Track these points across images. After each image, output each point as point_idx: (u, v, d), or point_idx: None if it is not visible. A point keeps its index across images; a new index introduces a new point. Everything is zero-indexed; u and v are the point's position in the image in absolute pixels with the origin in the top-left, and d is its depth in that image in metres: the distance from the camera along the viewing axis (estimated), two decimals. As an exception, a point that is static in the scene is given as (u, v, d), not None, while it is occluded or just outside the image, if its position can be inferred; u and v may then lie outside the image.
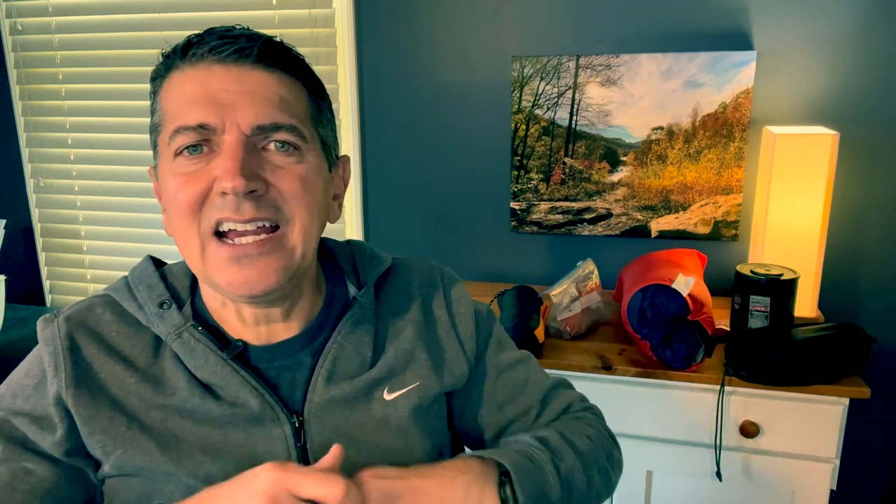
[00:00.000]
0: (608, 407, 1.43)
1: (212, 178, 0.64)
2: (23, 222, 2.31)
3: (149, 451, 0.66)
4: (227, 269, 0.65)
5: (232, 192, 0.62)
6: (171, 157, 0.66)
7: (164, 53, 0.69)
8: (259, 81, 0.66)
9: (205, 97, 0.64)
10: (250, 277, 0.65)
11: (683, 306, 1.33)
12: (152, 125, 0.70)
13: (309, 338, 0.74)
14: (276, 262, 0.66)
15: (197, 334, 0.70)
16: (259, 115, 0.64)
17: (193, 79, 0.65)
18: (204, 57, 0.65)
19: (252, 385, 0.69)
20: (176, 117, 0.65)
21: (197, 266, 0.67)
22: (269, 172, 0.65)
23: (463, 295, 0.83)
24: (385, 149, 1.96)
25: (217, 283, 0.66)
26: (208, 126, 0.64)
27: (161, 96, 0.68)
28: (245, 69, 0.65)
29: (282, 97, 0.66)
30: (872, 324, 1.71)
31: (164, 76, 0.68)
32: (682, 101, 1.70)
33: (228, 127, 0.64)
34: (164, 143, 0.67)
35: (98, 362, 0.69)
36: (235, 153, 0.63)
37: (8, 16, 2.14)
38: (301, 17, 1.92)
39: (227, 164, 0.62)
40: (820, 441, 1.33)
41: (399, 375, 0.75)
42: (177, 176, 0.65)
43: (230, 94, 0.64)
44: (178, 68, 0.67)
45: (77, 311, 0.72)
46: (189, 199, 0.64)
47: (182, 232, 0.66)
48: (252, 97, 0.65)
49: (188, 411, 0.68)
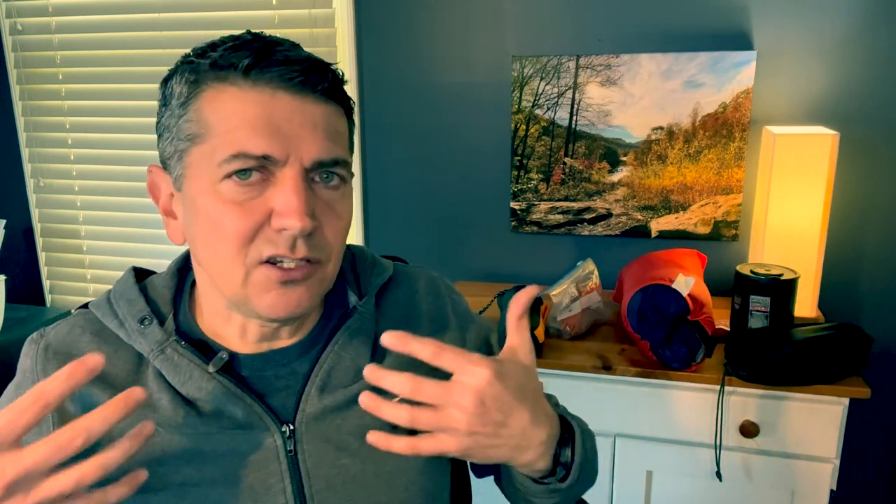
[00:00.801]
0: (608, 407, 1.43)
1: (267, 210, 0.62)
2: (23, 222, 2.31)
3: (132, 470, 0.66)
4: (273, 291, 0.64)
5: (297, 233, 0.62)
6: (217, 178, 0.62)
7: (213, 61, 0.63)
8: (320, 114, 0.64)
9: (269, 126, 0.62)
10: (291, 301, 0.65)
11: (683, 306, 1.33)
12: (182, 132, 0.65)
13: (306, 346, 0.73)
14: (313, 290, 0.66)
15: (181, 349, 0.69)
16: (321, 149, 0.64)
17: (257, 102, 0.62)
18: (270, 80, 0.62)
19: (238, 396, 0.68)
20: (233, 140, 0.62)
21: (232, 289, 0.65)
22: (319, 210, 0.65)
23: (469, 309, 0.85)
24: (385, 149, 1.96)
25: (255, 306, 0.65)
26: (272, 157, 0.62)
27: (203, 106, 0.63)
28: (308, 100, 0.64)
29: (336, 130, 0.66)
30: (872, 324, 1.71)
31: (209, 85, 0.63)
32: (682, 101, 1.70)
33: (291, 161, 0.62)
34: (204, 158, 0.63)
35: (77, 389, 0.68)
36: (300, 190, 0.62)
37: (8, 16, 2.15)
38: (301, 17, 1.92)
39: (292, 201, 0.61)
40: (820, 441, 1.33)
41: None
42: (226, 202, 0.62)
43: (293, 125, 0.62)
44: (235, 84, 0.63)
45: (56, 336, 0.71)
46: (242, 231, 0.62)
47: (222, 258, 0.64)
48: (314, 130, 0.63)
49: (174, 427, 0.67)
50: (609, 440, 1.45)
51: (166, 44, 2.03)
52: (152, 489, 0.67)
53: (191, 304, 0.74)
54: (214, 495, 0.67)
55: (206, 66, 0.64)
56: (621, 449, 1.44)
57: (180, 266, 0.77)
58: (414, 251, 2.00)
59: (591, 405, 1.44)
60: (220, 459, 0.67)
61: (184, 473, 0.67)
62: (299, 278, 0.64)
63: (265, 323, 0.69)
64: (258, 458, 0.68)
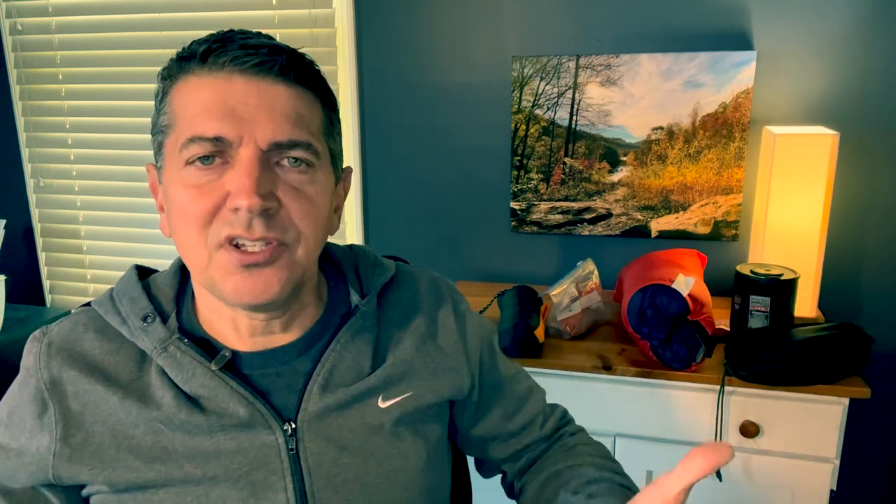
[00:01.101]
0: (608, 407, 1.43)
1: (224, 192, 0.63)
2: (23, 222, 2.31)
3: (136, 468, 0.67)
4: (235, 275, 0.64)
5: (247, 210, 0.62)
6: (181, 164, 0.64)
7: (180, 54, 0.66)
8: (278, 96, 0.65)
9: (223, 108, 0.63)
10: (257, 286, 0.64)
11: (683, 306, 1.33)
12: (159, 125, 0.68)
13: (306, 344, 0.73)
14: (281, 273, 0.65)
15: (183, 347, 0.69)
16: (277, 131, 0.63)
17: (212, 87, 0.64)
18: (224, 65, 0.64)
19: (241, 394, 0.68)
20: (191, 125, 0.63)
21: (200, 274, 0.66)
22: (281, 191, 0.64)
23: (470, 311, 0.85)
24: (385, 149, 1.96)
25: (221, 290, 0.65)
26: (225, 139, 0.62)
27: (173, 98, 0.66)
28: (266, 82, 0.64)
29: (299, 113, 0.66)
30: (872, 324, 1.71)
31: (178, 77, 0.66)
32: (682, 101, 1.70)
33: (245, 141, 0.63)
34: (172, 147, 0.65)
35: (80, 386, 0.68)
36: (252, 170, 0.62)
37: (8, 16, 2.15)
38: (301, 17, 1.92)
39: (242, 180, 0.62)
40: (820, 441, 1.33)
41: (396, 385, 0.75)
42: (188, 187, 0.63)
43: (249, 107, 0.63)
44: (195, 73, 0.65)
45: (59, 333, 0.71)
46: (200, 213, 0.63)
47: (188, 242, 0.65)
48: (270, 112, 0.64)
49: (176, 424, 0.67)
50: (609, 440, 1.45)
51: (166, 44, 2.03)
52: (154, 486, 0.67)
53: (193, 303, 0.74)
54: (216, 493, 0.67)
55: (174, 60, 0.66)
56: (621, 449, 1.44)
57: (182, 264, 0.77)
58: (414, 251, 2.00)
59: (591, 405, 1.44)
60: (222, 457, 0.68)
61: (186, 471, 0.67)
62: (261, 262, 0.64)
63: (250, 314, 0.69)
64: (260, 457, 0.68)
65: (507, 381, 0.87)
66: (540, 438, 0.88)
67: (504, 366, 0.88)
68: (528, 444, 0.87)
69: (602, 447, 0.88)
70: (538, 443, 0.88)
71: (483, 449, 0.89)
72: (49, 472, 0.68)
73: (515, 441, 0.87)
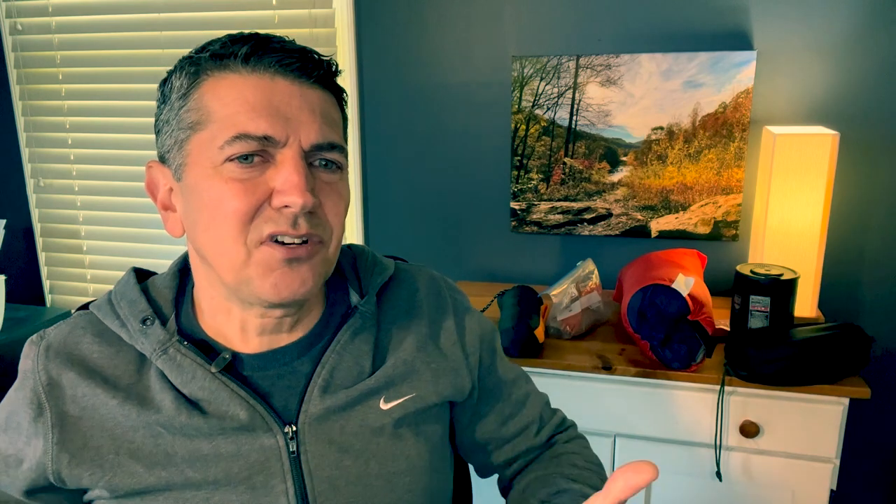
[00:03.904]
0: (608, 407, 1.43)
1: (268, 189, 0.63)
2: (23, 222, 2.31)
3: (135, 472, 0.66)
4: (276, 270, 0.64)
5: (299, 209, 0.63)
6: (220, 161, 0.63)
7: (214, 51, 0.65)
8: (316, 99, 0.66)
9: (269, 108, 0.63)
10: (295, 281, 0.65)
11: (683, 306, 1.33)
12: (183, 122, 0.66)
13: (307, 345, 0.73)
14: (318, 268, 0.67)
15: (183, 349, 0.69)
16: (319, 133, 0.65)
17: (256, 87, 0.64)
18: (269, 66, 0.64)
19: (241, 397, 0.68)
20: (234, 122, 0.63)
21: (233, 273, 0.65)
22: (319, 190, 0.66)
23: (470, 310, 0.85)
24: (385, 148, 1.96)
25: (258, 287, 0.64)
26: (272, 139, 0.63)
27: (204, 94, 0.65)
28: (305, 86, 0.66)
29: (332, 116, 0.68)
30: (872, 324, 1.72)
31: (210, 74, 0.65)
32: (682, 101, 1.70)
33: (291, 142, 0.64)
34: (205, 143, 0.64)
35: (79, 389, 0.68)
36: (301, 169, 0.63)
37: (8, 16, 2.14)
38: (301, 17, 1.92)
39: (293, 178, 0.62)
40: (820, 441, 1.33)
41: (397, 386, 0.74)
42: (228, 181, 0.63)
43: (292, 108, 0.64)
44: (236, 71, 0.65)
45: (57, 337, 0.71)
46: (242, 209, 0.63)
47: (221, 239, 0.64)
48: (312, 114, 0.65)
49: (176, 428, 0.67)
50: (609, 440, 1.45)
51: (166, 44, 2.03)
52: (155, 491, 0.67)
53: (192, 304, 0.73)
54: (217, 497, 0.67)
55: (206, 58, 0.66)
56: (621, 449, 1.44)
57: (181, 267, 0.77)
58: (414, 251, 2.00)
59: (591, 405, 1.44)
60: (223, 461, 0.67)
61: (186, 475, 0.67)
62: (304, 256, 0.65)
63: (266, 312, 0.69)
64: (261, 460, 0.68)
65: (506, 384, 0.86)
66: (533, 447, 0.87)
67: (504, 368, 0.87)
68: (522, 450, 0.87)
69: (590, 455, 0.87)
70: (532, 450, 0.87)
71: (479, 454, 0.88)
72: (49, 475, 0.68)
73: (510, 447, 0.86)
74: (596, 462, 0.86)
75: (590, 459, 0.85)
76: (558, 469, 0.81)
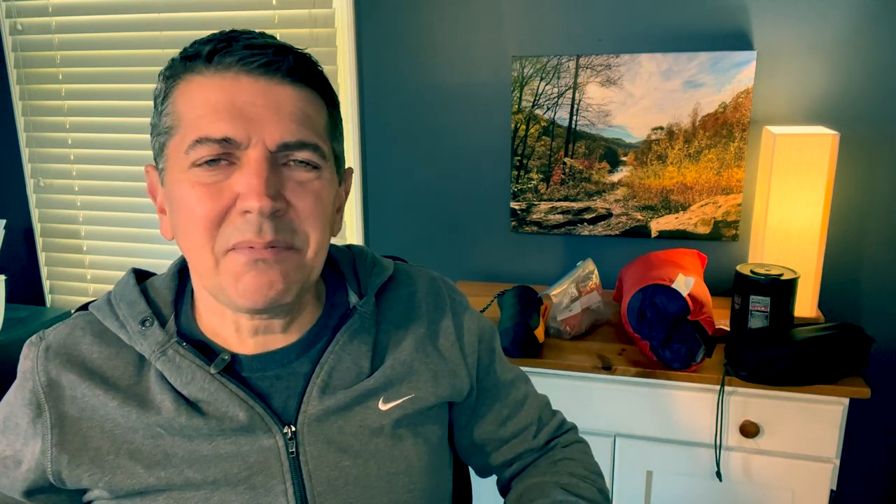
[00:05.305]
0: (608, 407, 1.43)
1: (233, 193, 0.62)
2: (23, 222, 2.31)
3: (135, 473, 0.66)
4: (244, 276, 0.63)
5: (258, 213, 0.61)
6: (187, 166, 0.63)
7: (183, 53, 0.65)
8: (285, 96, 0.64)
9: (230, 109, 0.62)
10: (264, 284, 0.63)
11: (683, 306, 1.33)
12: (162, 126, 0.66)
13: (305, 346, 0.72)
14: (292, 275, 0.65)
15: (182, 350, 0.68)
16: (285, 132, 0.63)
17: (219, 88, 0.63)
18: (231, 65, 0.63)
19: (240, 398, 0.68)
20: (197, 126, 0.62)
21: (207, 279, 0.65)
22: (289, 190, 0.64)
23: (469, 309, 0.84)
24: (385, 148, 1.96)
25: (230, 295, 0.64)
26: (233, 140, 0.62)
27: (176, 98, 0.65)
28: (272, 83, 0.64)
29: (306, 113, 0.65)
30: (872, 324, 1.71)
31: (181, 77, 0.65)
32: (682, 101, 1.70)
33: (254, 143, 0.62)
34: (177, 148, 0.64)
35: (79, 390, 0.68)
36: (261, 171, 0.61)
37: (8, 16, 2.14)
38: (301, 17, 1.92)
39: (252, 181, 0.61)
40: (820, 441, 1.33)
41: (396, 386, 0.74)
42: (194, 185, 0.62)
43: (257, 108, 0.62)
44: (200, 73, 0.64)
45: (56, 337, 0.71)
46: (208, 215, 0.62)
47: (194, 246, 0.64)
48: (279, 113, 0.63)
49: (175, 429, 0.67)
50: (609, 440, 1.45)
51: (166, 44, 2.03)
52: (154, 491, 0.67)
53: (192, 305, 0.73)
54: (216, 498, 0.67)
55: (178, 60, 0.65)
56: (621, 449, 1.44)
57: (180, 267, 0.76)
58: (414, 251, 2.00)
59: (591, 405, 1.44)
60: (222, 462, 0.67)
61: (186, 475, 0.67)
62: (270, 258, 0.63)
63: (252, 314, 0.68)
64: (260, 460, 0.68)
65: (504, 385, 0.86)
66: (532, 449, 0.87)
67: (502, 369, 0.87)
68: (520, 452, 0.87)
69: (590, 462, 0.86)
70: (530, 452, 0.87)
71: (477, 455, 0.88)
72: (48, 476, 0.68)
73: (508, 448, 0.86)
74: (595, 470, 0.85)
75: (589, 467, 0.85)
76: (555, 478, 0.81)
